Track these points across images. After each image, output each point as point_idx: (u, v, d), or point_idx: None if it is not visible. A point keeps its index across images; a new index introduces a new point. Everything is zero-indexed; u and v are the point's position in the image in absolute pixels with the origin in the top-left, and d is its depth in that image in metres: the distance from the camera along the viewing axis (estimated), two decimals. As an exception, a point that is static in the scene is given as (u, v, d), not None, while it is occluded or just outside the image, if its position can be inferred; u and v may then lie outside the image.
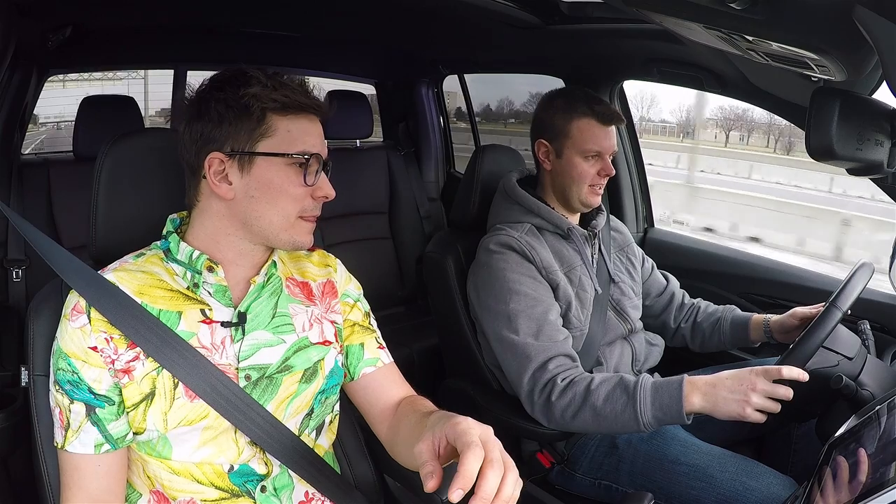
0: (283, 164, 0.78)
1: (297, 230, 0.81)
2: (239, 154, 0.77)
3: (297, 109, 0.79)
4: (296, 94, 0.78)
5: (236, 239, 0.82)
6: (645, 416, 1.06)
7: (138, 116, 2.02)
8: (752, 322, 1.39)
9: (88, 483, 0.75)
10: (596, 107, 1.28)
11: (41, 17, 1.55)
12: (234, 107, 0.76)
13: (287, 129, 0.78)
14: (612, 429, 1.12)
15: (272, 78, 0.78)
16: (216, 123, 0.77)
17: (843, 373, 1.03)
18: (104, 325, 0.75)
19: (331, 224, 2.28)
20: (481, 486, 0.56)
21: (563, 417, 1.13)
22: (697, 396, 1.03)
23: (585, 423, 1.12)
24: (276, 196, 0.78)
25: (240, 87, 0.77)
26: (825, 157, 0.88)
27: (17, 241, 1.83)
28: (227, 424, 0.79)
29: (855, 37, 0.68)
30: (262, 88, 0.76)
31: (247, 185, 0.78)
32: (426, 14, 1.78)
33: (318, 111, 0.82)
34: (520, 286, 1.22)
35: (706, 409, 1.03)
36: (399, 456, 0.86)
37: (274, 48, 2.28)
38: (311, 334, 0.87)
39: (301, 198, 0.80)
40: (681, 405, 1.03)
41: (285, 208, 0.79)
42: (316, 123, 0.82)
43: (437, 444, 0.63)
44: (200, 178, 0.79)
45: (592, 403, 1.10)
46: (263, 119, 0.77)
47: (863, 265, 1.14)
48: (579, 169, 1.29)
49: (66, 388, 0.75)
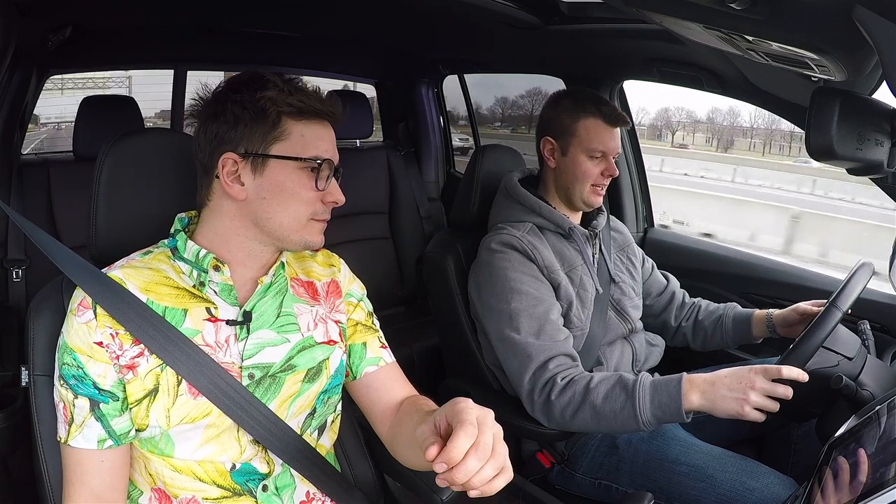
0: (295, 167, 0.79)
1: (309, 231, 0.83)
2: (253, 156, 0.78)
3: (312, 115, 0.80)
4: (311, 99, 0.79)
5: (246, 239, 0.82)
6: (644, 414, 1.06)
7: (138, 116, 2.02)
8: (754, 318, 1.39)
9: (91, 478, 0.76)
10: (603, 108, 1.29)
11: (41, 17, 1.55)
12: (251, 109, 0.77)
13: (301, 134, 0.79)
14: (611, 428, 1.12)
15: (288, 83, 0.79)
16: (232, 125, 0.78)
17: (843, 373, 1.03)
18: (110, 321, 0.75)
19: (331, 224, 2.23)
20: (459, 466, 0.56)
21: (563, 416, 1.13)
22: (696, 394, 1.03)
23: (585, 422, 1.12)
24: (287, 199, 0.79)
25: (257, 90, 0.77)
26: (825, 157, 0.88)
27: (17, 240, 1.83)
28: (229, 422, 0.79)
29: (855, 37, 0.68)
30: (279, 92, 0.77)
31: (259, 186, 0.79)
32: (426, 14, 1.78)
33: (332, 118, 0.83)
34: (521, 285, 1.22)
35: (705, 407, 1.03)
36: (400, 455, 0.87)
37: (274, 48, 2.28)
38: (315, 334, 0.87)
39: (312, 201, 0.81)
40: (680, 403, 1.03)
41: (297, 211, 0.80)
42: (329, 129, 0.83)
43: (438, 424, 0.63)
44: (213, 177, 0.80)
45: (592, 402, 1.10)
46: (279, 122, 0.78)
47: (863, 265, 1.14)
48: (584, 168, 1.29)
49: (70, 382, 0.75)
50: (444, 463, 0.55)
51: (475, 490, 0.58)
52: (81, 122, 1.92)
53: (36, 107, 2.08)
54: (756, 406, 0.98)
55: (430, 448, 0.58)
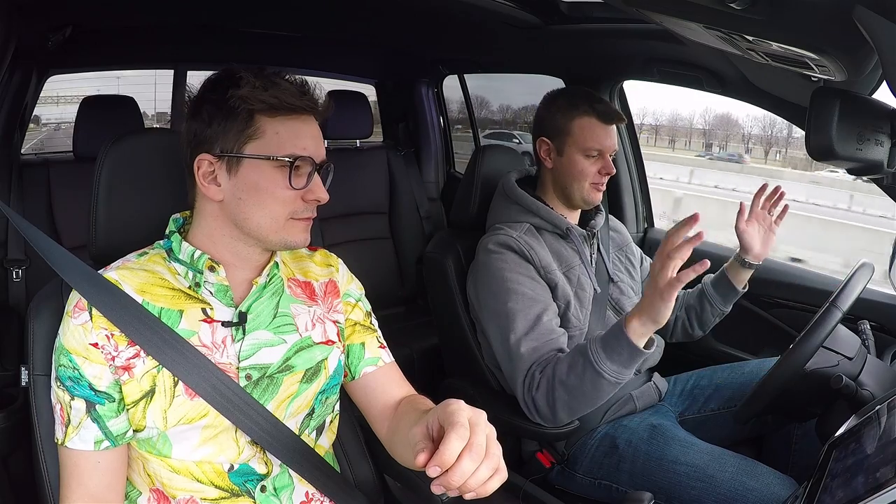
0: (269, 166, 0.77)
1: (289, 231, 0.80)
2: (227, 156, 0.77)
3: (287, 111, 0.77)
4: (286, 94, 0.76)
5: (230, 240, 0.81)
6: (604, 366, 1.05)
7: (138, 116, 2.02)
8: (728, 269, 1.38)
9: (88, 480, 0.76)
10: (597, 105, 1.29)
11: (41, 17, 1.55)
12: (223, 108, 0.76)
13: (276, 132, 0.77)
14: (590, 399, 1.10)
15: (264, 78, 0.76)
16: (206, 124, 0.77)
17: (843, 373, 1.03)
18: (105, 322, 0.75)
19: (331, 224, 2.28)
20: (453, 468, 0.55)
21: (548, 407, 1.13)
22: (635, 319, 1.02)
23: (565, 405, 1.11)
24: (263, 199, 0.77)
25: (228, 89, 0.76)
26: (825, 157, 0.88)
27: (17, 241, 1.83)
28: (227, 423, 0.79)
29: (855, 37, 0.68)
30: (251, 90, 0.75)
31: (234, 186, 0.78)
32: (426, 14, 1.78)
33: (312, 112, 0.79)
34: (518, 286, 1.22)
35: (646, 322, 1.01)
36: (398, 455, 0.86)
37: (274, 48, 2.28)
38: (313, 334, 0.87)
39: (290, 200, 0.78)
40: (627, 338, 1.02)
41: (274, 211, 0.78)
42: (310, 124, 0.80)
43: (430, 426, 0.62)
44: (194, 178, 0.79)
45: (560, 379, 1.10)
46: (251, 121, 0.76)
47: (863, 265, 1.14)
48: (580, 167, 1.29)
49: (66, 384, 0.75)
50: (438, 466, 0.55)
51: (471, 492, 0.57)
52: (81, 122, 1.92)
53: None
54: (666, 279, 0.95)
55: (419, 455, 0.57)
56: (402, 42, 2.38)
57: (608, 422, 1.30)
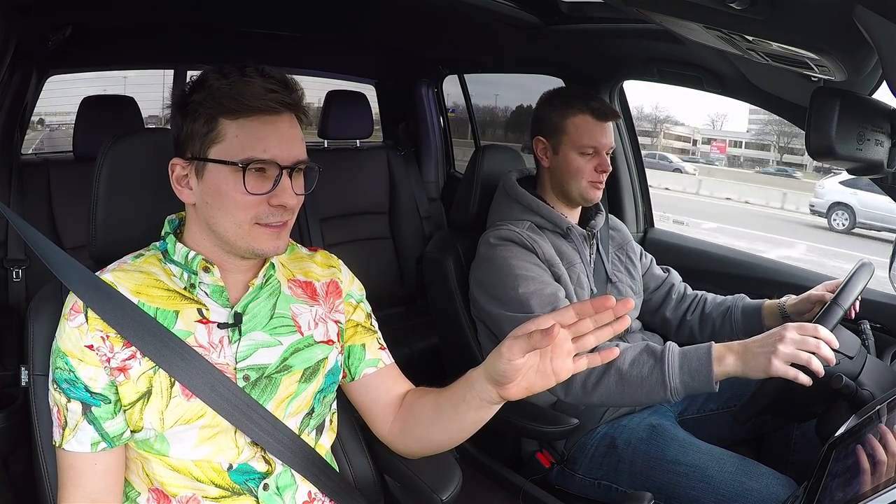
0: (228, 170, 0.75)
1: (255, 237, 0.77)
2: (194, 160, 0.77)
3: (251, 112, 0.74)
4: (249, 95, 0.73)
5: (210, 244, 0.81)
6: (673, 379, 1.03)
7: (138, 116, 2.02)
8: (765, 308, 1.34)
9: (86, 481, 0.75)
10: (591, 103, 1.29)
11: (41, 17, 1.55)
12: (190, 113, 0.76)
13: (235, 135, 0.75)
14: (635, 397, 1.08)
15: (231, 77, 0.74)
16: (179, 129, 0.78)
17: (843, 373, 1.02)
18: (101, 324, 0.75)
19: (331, 224, 2.28)
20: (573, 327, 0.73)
21: (585, 386, 1.10)
22: (730, 357, 1.00)
23: (608, 391, 1.08)
24: (226, 203, 0.76)
25: (193, 92, 0.76)
26: (825, 157, 0.88)
27: (17, 241, 1.83)
28: (226, 424, 0.79)
29: (855, 37, 0.68)
30: (213, 93, 0.74)
31: (202, 191, 0.77)
32: (426, 14, 1.78)
33: (282, 111, 0.76)
34: (526, 271, 1.21)
35: (738, 368, 0.99)
36: (416, 438, 0.88)
37: (274, 48, 2.28)
38: (315, 333, 0.87)
39: (252, 205, 0.76)
40: (710, 369, 1.01)
41: (236, 216, 0.76)
42: (276, 125, 0.76)
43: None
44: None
45: (618, 367, 1.07)
46: (213, 124, 0.75)
47: (863, 265, 1.14)
48: (576, 165, 1.29)
49: (63, 386, 0.75)
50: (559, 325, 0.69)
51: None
52: (81, 122, 1.92)
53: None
54: (786, 359, 0.94)
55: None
56: (402, 42, 2.38)
57: (608, 422, 1.30)
